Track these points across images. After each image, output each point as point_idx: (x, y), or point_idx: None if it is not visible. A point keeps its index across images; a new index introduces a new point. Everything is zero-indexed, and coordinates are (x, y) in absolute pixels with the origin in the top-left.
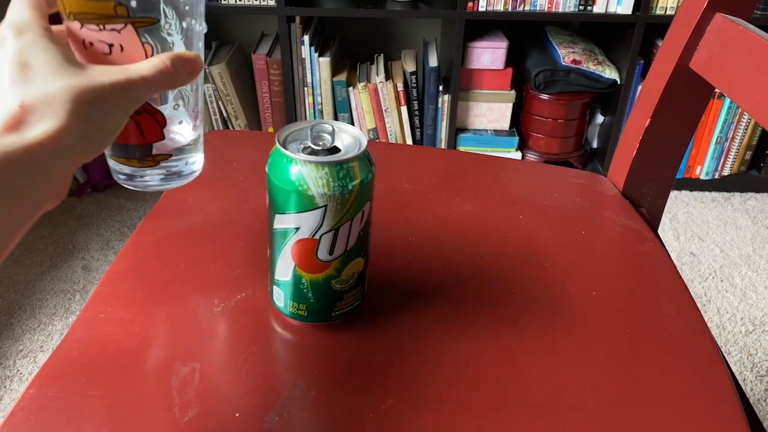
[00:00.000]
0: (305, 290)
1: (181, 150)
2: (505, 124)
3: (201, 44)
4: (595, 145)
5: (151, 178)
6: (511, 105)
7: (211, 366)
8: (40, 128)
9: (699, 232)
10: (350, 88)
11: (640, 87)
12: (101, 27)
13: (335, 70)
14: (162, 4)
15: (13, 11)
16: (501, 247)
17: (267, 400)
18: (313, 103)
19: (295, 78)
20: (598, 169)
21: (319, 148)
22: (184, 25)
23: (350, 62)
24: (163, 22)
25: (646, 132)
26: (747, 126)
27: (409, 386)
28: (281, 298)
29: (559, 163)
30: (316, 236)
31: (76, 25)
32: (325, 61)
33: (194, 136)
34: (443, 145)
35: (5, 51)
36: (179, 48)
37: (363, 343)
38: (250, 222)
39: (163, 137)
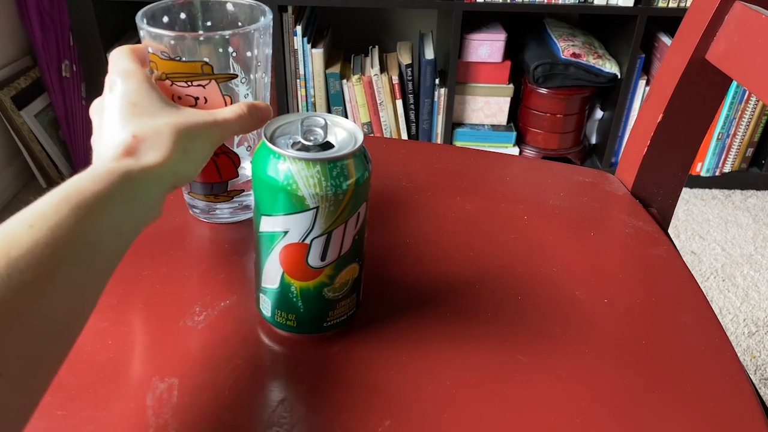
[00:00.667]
0: (294, 299)
1: (250, 185)
2: (502, 118)
3: (268, 94)
4: (593, 141)
5: (221, 212)
6: (509, 99)
7: (191, 382)
8: (151, 155)
9: (699, 230)
10: (344, 81)
11: (640, 82)
12: (189, 84)
13: (328, 62)
14: (236, 63)
15: (117, 62)
16: (505, 249)
17: (251, 420)
18: (306, 95)
19: (287, 70)
20: (596, 165)
21: (311, 143)
22: (255, 77)
23: (344, 54)
24: (241, 76)
25: (658, 128)
26: (749, 122)
27: (407, 405)
28: (268, 307)
29: (557, 159)
30: (307, 240)
31: (166, 83)
32: (318, 53)
33: None
34: (439, 140)
35: (114, 93)
36: (251, 98)
37: (358, 357)
38: (236, 223)
39: (237, 175)
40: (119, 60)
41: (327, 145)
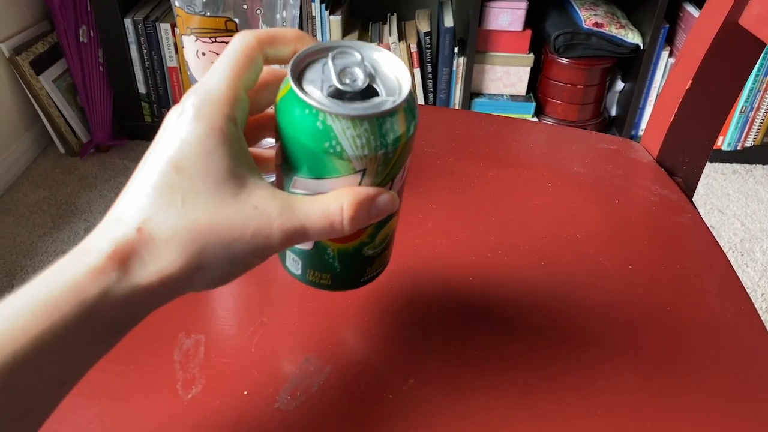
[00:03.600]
0: (331, 260)
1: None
2: (522, 88)
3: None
4: (613, 112)
5: None
6: (528, 69)
7: (217, 338)
8: (150, 267)
9: (719, 204)
10: None
11: (663, 53)
12: (213, 40)
13: (346, 30)
14: (264, 23)
15: (211, 74)
16: (528, 216)
17: (277, 377)
18: None
19: None
20: None
21: (348, 88)
22: None
23: (362, 22)
24: None
25: (687, 95)
26: None
27: (431, 365)
28: (298, 265)
29: None
30: None
31: (191, 38)
32: (336, 20)
33: None
34: None
35: (171, 125)
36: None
37: (381, 317)
38: None
39: None
40: (214, 72)
41: (368, 90)
